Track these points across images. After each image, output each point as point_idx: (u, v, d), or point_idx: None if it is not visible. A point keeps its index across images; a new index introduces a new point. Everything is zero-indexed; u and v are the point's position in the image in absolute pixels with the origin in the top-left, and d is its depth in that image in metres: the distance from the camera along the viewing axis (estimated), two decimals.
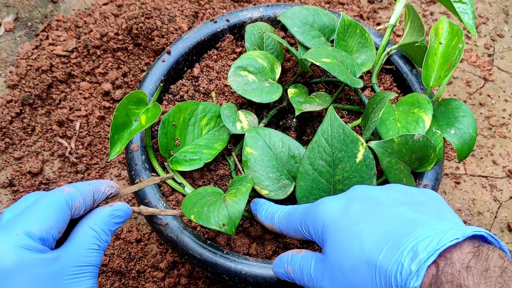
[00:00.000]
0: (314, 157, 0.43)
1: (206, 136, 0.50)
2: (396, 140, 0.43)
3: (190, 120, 0.49)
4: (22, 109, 0.68)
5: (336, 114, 0.43)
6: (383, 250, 0.31)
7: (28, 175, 0.64)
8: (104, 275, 0.59)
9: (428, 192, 0.38)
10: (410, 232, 0.31)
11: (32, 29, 0.75)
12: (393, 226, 0.33)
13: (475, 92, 0.75)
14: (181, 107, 0.49)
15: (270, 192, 0.46)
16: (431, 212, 0.34)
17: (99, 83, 0.71)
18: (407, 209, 0.34)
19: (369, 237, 0.33)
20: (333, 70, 0.46)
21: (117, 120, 0.43)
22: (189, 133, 0.49)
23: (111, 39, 0.70)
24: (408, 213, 0.33)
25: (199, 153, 0.48)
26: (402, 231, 0.32)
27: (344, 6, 0.80)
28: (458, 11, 0.50)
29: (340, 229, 0.35)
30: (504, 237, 0.64)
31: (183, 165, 0.48)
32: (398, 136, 0.43)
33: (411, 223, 0.32)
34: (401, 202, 0.35)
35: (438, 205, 0.36)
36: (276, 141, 0.47)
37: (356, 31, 0.53)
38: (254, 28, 0.54)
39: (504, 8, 0.83)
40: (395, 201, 0.36)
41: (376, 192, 0.37)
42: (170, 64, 0.54)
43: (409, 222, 0.32)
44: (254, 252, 0.46)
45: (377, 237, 0.33)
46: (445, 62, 0.48)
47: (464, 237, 0.29)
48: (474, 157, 0.70)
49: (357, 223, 0.34)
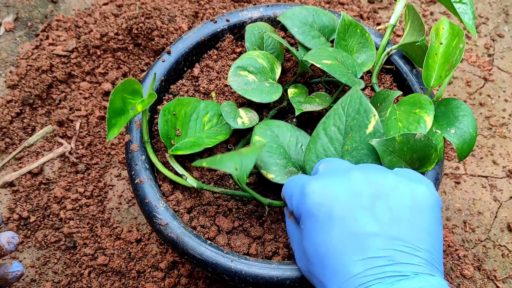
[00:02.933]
0: (328, 123, 0.44)
1: (208, 131, 0.50)
2: (397, 139, 0.43)
3: (192, 115, 0.50)
4: (22, 109, 0.68)
5: (358, 89, 0.44)
6: (339, 286, 0.33)
7: (28, 175, 0.64)
8: (104, 275, 0.59)
9: (417, 197, 0.36)
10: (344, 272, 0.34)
11: (32, 29, 0.75)
12: (352, 261, 0.34)
13: (475, 92, 0.75)
14: (182, 101, 0.50)
15: (276, 176, 0.46)
16: (398, 244, 0.34)
17: (99, 83, 0.71)
18: (375, 240, 0.34)
19: (320, 249, 0.35)
20: (334, 72, 0.46)
21: (113, 104, 0.45)
22: (190, 127, 0.50)
23: (111, 39, 0.70)
24: (375, 247, 0.34)
25: (200, 142, 0.49)
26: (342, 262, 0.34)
27: (344, 6, 0.80)
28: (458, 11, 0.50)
29: (311, 218, 0.36)
30: (504, 237, 0.64)
31: (183, 150, 0.48)
32: (400, 135, 0.43)
33: (371, 262, 0.33)
34: (371, 229, 0.34)
35: (419, 222, 0.35)
36: (285, 131, 0.48)
37: (357, 31, 0.53)
38: (254, 28, 0.54)
39: (504, 8, 0.83)
40: (365, 225, 0.35)
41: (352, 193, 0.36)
42: (170, 64, 0.54)
43: (369, 262, 0.33)
44: (254, 252, 0.46)
45: (325, 256, 0.35)
46: (446, 62, 0.48)
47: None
48: (474, 157, 0.70)
49: (329, 220, 0.35)
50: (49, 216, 0.62)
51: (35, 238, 0.61)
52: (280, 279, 0.43)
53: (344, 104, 0.44)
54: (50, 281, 0.59)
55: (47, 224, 0.62)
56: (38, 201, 0.63)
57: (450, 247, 0.63)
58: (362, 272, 0.32)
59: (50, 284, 0.58)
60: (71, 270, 0.59)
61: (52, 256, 0.60)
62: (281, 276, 0.43)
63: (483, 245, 0.64)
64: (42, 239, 0.60)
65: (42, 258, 0.60)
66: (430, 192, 0.36)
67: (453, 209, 0.66)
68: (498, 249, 0.64)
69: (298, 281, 0.43)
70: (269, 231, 0.48)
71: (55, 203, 0.63)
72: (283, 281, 0.43)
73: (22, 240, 0.61)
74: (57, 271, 0.59)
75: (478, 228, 0.65)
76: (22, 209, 0.62)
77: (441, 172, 0.49)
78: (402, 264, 0.32)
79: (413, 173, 0.39)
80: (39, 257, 0.60)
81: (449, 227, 0.65)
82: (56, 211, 0.62)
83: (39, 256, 0.60)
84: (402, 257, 0.33)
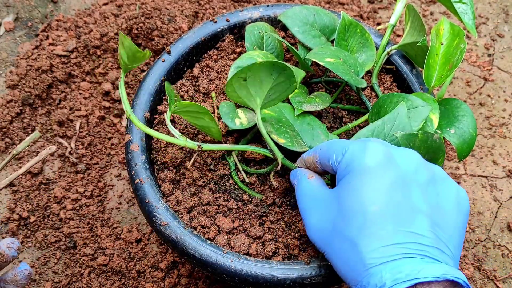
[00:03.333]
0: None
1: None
2: (419, 136, 0.42)
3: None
4: (22, 109, 0.68)
5: (406, 110, 0.44)
6: (375, 249, 0.34)
7: (28, 175, 0.64)
8: (104, 275, 0.59)
9: (461, 197, 0.38)
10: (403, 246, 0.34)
11: (32, 29, 0.75)
12: (396, 229, 0.34)
13: (475, 92, 0.75)
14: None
15: (288, 142, 0.46)
16: (438, 231, 0.35)
17: (99, 83, 0.71)
18: (423, 218, 0.35)
19: (371, 227, 0.34)
20: (337, 70, 0.46)
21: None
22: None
23: (111, 39, 0.70)
24: (421, 225, 0.34)
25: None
26: (400, 240, 0.34)
27: (344, 6, 0.81)
28: (458, 11, 0.50)
29: (358, 187, 0.36)
30: (504, 237, 0.64)
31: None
32: (422, 132, 0.42)
33: (414, 237, 0.34)
34: (421, 207, 0.35)
35: (456, 220, 0.36)
36: (290, 109, 0.49)
37: (357, 31, 0.53)
38: (254, 28, 0.54)
39: (504, 8, 0.83)
40: (417, 201, 0.36)
41: (418, 176, 0.37)
42: (170, 64, 0.54)
43: (412, 236, 0.34)
44: (254, 252, 0.46)
45: (375, 235, 0.34)
46: (447, 63, 0.48)
47: (444, 278, 0.31)
48: (474, 157, 0.70)
49: (374, 197, 0.35)
50: (49, 216, 0.62)
51: (35, 238, 0.61)
52: (280, 279, 0.43)
53: (390, 124, 0.44)
54: (50, 281, 0.59)
55: (47, 224, 0.62)
56: (38, 201, 0.63)
57: None
58: (404, 244, 0.33)
59: (50, 284, 0.58)
60: (71, 270, 0.59)
61: (52, 256, 0.60)
62: (281, 276, 0.43)
63: (483, 245, 0.64)
64: (42, 239, 0.61)
65: (42, 258, 0.60)
66: (468, 198, 0.38)
67: None
68: (498, 249, 0.64)
69: (298, 281, 0.43)
70: (269, 231, 0.48)
71: (55, 203, 0.63)
72: (283, 281, 0.43)
73: (22, 241, 0.61)
74: (57, 271, 0.59)
75: (478, 228, 0.65)
76: (22, 209, 0.62)
77: None
78: (439, 250, 0.34)
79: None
80: (39, 257, 0.60)
81: None
82: (56, 211, 0.62)
83: (39, 256, 0.60)
84: (441, 244, 0.34)
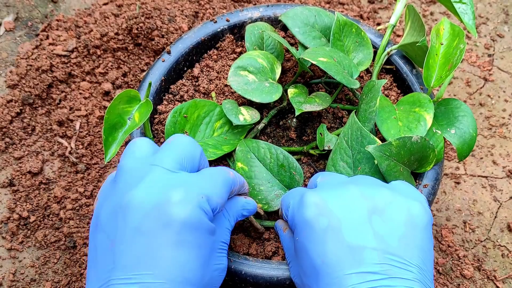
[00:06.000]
0: (336, 158, 0.45)
1: (217, 138, 0.50)
2: (394, 143, 0.43)
3: (205, 118, 0.50)
4: (22, 109, 0.68)
5: (356, 118, 0.44)
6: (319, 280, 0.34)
7: (28, 174, 0.64)
8: None
9: (413, 214, 0.36)
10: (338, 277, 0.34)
11: (32, 29, 0.75)
12: (346, 274, 0.34)
13: (475, 92, 0.75)
14: (198, 104, 0.49)
15: (264, 205, 0.47)
16: (392, 259, 0.34)
17: (99, 83, 0.71)
18: (370, 253, 0.34)
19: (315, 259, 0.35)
20: (330, 69, 0.46)
21: (109, 122, 0.41)
22: (200, 130, 0.49)
23: (111, 39, 0.70)
24: (370, 260, 0.34)
25: (204, 151, 0.48)
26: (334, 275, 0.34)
27: (344, 6, 0.80)
28: (458, 11, 0.50)
29: (306, 231, 0.37)
30: (504, 237, 0.64)
31: None
32: (396, 139, 0.43)
33: (366, 276, 0.33)
34: (366, 242, 0.35)
35: (413, 239, 0.35)
36: (265, 153, 0.48)
37: (352, 30, 0.53)
38: (254, 28, 0.54)
39: (504, 8, 0.83)
40: (360, 238, 0.35)
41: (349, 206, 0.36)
42: (170, 64, 0.54)
43: (363, 275, 0.33)
44: (254, 252, 0.46)
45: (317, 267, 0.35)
46: (446, 63, 0.48)
47: None
48: (474, 157, 0.70)
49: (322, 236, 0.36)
50: (49, 216, 0.62)
51: (35, 238, 0.61)
52: (280, 279, 0.43)
53: (347, 137, 0.44)
54: (50, 281, 0.59)
55: (47, 224, 0.62)
56: (38, 201, 0.63)
57: (450, 247, 0.63)
58: (357, 285, 0.33)
59: (50, 284, 0.58)
60: (71, 270, 0.59)
61: (52, 256, 0.60)
62: (281, 276, 0.43)
63: (483, 245, 0.64)
64: (42, 239, 0.60)
65: (42, 258, 0.60)
66: (424, 210, 0.37)
67: (453, 209, 0.66)
68: (498, 249, 0.64)
69: None
70: (269, 231, 0.48)
71: (55, 203, 0.63)
72: (283, 281, 0.43)
73: (22, 240, 0.61)
74: (57, 271, 0.59)
75: (478, 228, 0.65)
76: (22, 209, 0.62)
77: (441, 172, 0.49)
78: (396, 279, 0.33)
79: (408, 188, 0.40)
80: (39, 257, 0.60)
81: (449, 227, 0.65)
82: (56, 211, 0.62)
83: (39, 256, 0.60)
84: (396, 272, 0.33)
